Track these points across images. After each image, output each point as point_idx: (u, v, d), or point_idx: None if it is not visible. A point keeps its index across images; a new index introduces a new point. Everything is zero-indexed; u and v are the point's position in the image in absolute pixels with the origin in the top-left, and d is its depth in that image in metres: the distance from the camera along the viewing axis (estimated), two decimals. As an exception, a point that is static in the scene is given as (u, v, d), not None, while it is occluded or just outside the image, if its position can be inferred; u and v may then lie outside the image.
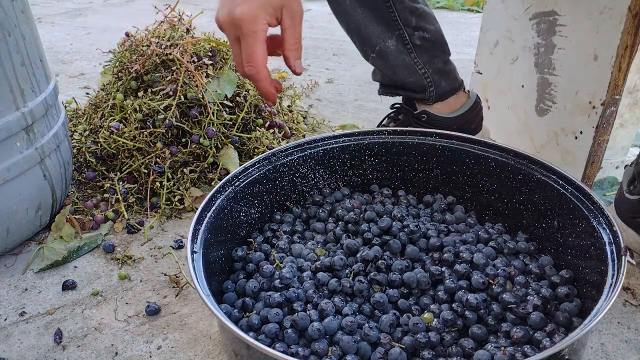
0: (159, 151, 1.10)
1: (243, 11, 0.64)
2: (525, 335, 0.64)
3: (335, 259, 0.75)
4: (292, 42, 0.65)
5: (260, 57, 0.65)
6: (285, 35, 0.66)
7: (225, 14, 0.66)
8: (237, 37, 0.67)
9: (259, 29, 0.64)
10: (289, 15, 0.64)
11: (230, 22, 0.66)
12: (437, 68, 1.08)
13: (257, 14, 0.63)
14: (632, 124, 1.06)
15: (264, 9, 0.63)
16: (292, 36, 0.65)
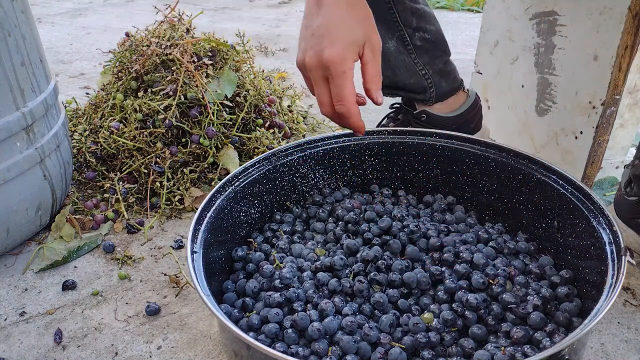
0: (159, 151, 1.10)
1: (331, 53, 0.64)
2: (525, 335, 0.64)
3: (335, 258, 0.75)
4: (374, 74, 0.66)
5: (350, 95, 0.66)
6: (367, 68, 0.67)
7: (313, 56, 0.66)
8: (324, 78, 0.67)
9: (347, 68, 0.65)
10: (370, 50, 0.65)
11: (318, 64, 0.66)
12: (438, 69, 1.08)
13: (345, 55, 0.64)
14: (632, 124, 1.06)
15: (350, 49, 0.65)
16: (373, 69, 0.66)
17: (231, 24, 2.62)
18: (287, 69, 1.87)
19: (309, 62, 0.67)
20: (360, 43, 0.66)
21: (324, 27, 0.65)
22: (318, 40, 0.65)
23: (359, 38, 0.65)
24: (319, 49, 0.65)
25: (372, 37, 0.65)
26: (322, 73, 0.67)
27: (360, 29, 0.66)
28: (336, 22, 0.66)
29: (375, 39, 0.66)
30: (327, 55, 0.65)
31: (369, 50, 0.66)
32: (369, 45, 0.66)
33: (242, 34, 1.33)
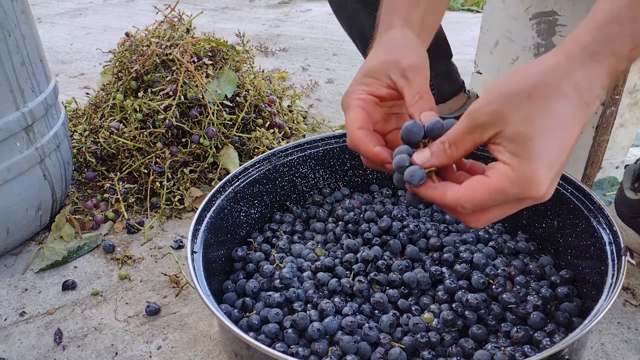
0: (159, 151, 1.10)
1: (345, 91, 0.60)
2: (525, 335, 0.64)
3: (336, 261, 0.75)
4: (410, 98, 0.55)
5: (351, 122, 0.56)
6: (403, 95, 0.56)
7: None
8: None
9: (352, 100, 0.58)
10: (399, 76, 0.56)
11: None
12: (440, 71, 1.08)
13: (352, 90, 0.59)
14: (632, 124, 1.06)
15: (361, 83, 0.58)
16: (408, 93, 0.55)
17: (231, 24, 2.62)
18: (287, 69, 1.87)
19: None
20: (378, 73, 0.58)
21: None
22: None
23: (374, 68, 0.58)
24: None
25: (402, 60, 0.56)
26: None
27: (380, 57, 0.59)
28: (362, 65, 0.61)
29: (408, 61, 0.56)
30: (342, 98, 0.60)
31: (399, 76, 0.56)
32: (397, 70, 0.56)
33: (242, 34, 1.33)
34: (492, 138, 0.45)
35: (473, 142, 0.47)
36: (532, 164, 0.43)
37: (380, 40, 0.62)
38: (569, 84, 0.43)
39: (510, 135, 0.44)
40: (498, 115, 0.44)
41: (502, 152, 0.45)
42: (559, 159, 0.44)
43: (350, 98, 0.58)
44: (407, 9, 0.62)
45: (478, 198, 0.45)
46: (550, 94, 0.43)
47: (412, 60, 0.56)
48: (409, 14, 0.62)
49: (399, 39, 0.60)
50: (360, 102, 0.57)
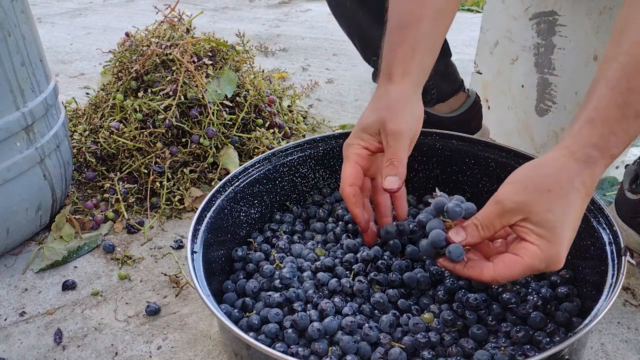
0: (159, 151, 1.10)
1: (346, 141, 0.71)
2: (525, 335, 0.64)
3: (336, 261, 0.75)
4: (385, 160, 0.66)
5: (345, 176, 0.69)
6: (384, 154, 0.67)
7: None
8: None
9: (350, 153, 0.69)
10: (384, 137, 0.66)
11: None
12: (439, 70, 1.08)
13: (351, 142, 0.69)
14: (632, 124, 1.06)
15: (358, 137, 0.69)
16: (386, 155, 0.66)
17: (231, 24, 2.62)
18: (287, 69, 1.87)
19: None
20: (371, 131, 0.68)
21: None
22: None
23: (368, 125, 0.68)
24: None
25: (386, 124, 0.66)
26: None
27: (374, 116, 0.67)
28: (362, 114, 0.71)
29: (389, 125, 0.66)
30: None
31: (384, 136, 0.67)
32: (384, 132, 0.66)
33: (242, 34, 1.33)
34: (518, 222, 0.55)
35: (501, 225, 0.57)
36: (558, 246, 0.54)
37: (378, 93, 0.71)
38: (579, 182, 0.54)
39: (537, 222, 0.54)
40: (525, 206, 0.54)
41: (530, 234, 0.55)
42: (571, 239, 0.55)
43: (348, 151, 0.69)
44: (405, 60, 0.69)
45: (514, 274, 0.56)
46: (567, 190, 0.54)
47: (394, 125, 0.65)
48: (407, 66, 0.69)
49: (393, 97, 0.68)
50: (357, 157, 0.69)
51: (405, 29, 0.70)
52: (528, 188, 0.55)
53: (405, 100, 0.69)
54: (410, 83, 0.70)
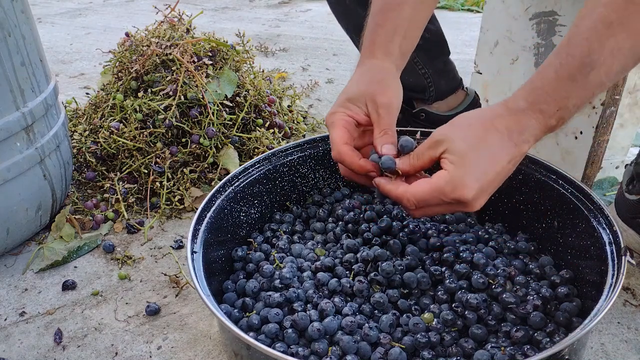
0: (159, 151, 1.10)
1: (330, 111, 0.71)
2: (525, 335, 0.64)
3: (336, 261, 0.75)
4: (377, 132, 0.67)
5: (337, 138, 0.68)
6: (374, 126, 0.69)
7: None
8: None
9: (335, 119, 0.69)
10: (374, 109, 0.68)
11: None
12: (437, 68, 1.08)
13: (335, 110, 0.70)
14: (632, 124, 1.06)
15: (342, 106, 0.70)
16: (376, 127, 0.68)
17: (231, 24, 2.62)
18: (287, 69, 1.87)
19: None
20: (357, 102, 0.69)
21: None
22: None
23: (355, 97, 0.69)
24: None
25: (375, 96, 0.67)
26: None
27: (362, 88, 0.69)
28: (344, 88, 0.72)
29: (379, 97, 0.67)
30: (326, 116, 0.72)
31: (374, 109, 0.68)
32: (371, 103, 0.68)
33: (242, 34, 1.33)
34: (442, 154, 0.59)
35: (429, 156, 0.61)
36: (463, 171, 0.57)
37: (363, 68, 0.73)
38: (501, 123, 0.57)
39: (452, 150, 0.58)
40: (447, 136, 0.59)
41: (446, 162, 0.58)
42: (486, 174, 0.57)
43: (334, 117, 0.69)
44: (387, 40, 0.72)
45: (419, 191, 0.59)
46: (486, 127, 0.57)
47: (386, 98, 0.68)
48: (389, 46, 0.72)
49: (379, 72, 0.71)
50: (344, 122, 0.69)
51: (387, 12, 0.73)
52: (454, 123, 0.60)
53: (391, 76, 0.71)
54: (391, 62, 0.72)
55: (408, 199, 0.60)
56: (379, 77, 0.70)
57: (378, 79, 0.70)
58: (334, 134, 0.68)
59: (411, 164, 0.63)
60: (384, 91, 0.68)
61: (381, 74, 0.71)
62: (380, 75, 0.71)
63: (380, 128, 0.68)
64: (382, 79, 0.70)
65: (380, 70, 0.71)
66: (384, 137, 0.67)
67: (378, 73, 0.71)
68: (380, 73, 0.71)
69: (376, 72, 0.71)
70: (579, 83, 0.54)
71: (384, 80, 0.70)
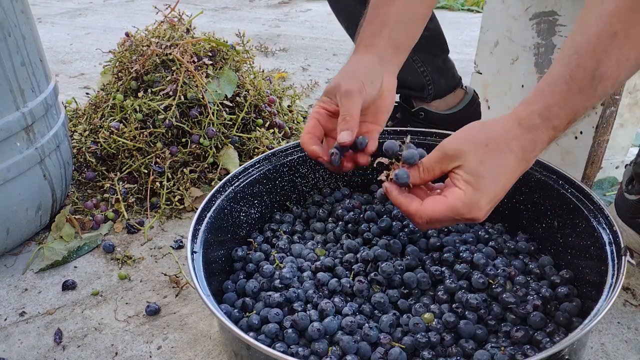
0: (159, 151, 1.10)
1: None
2: (525, 335, 0.64)
3: (336, 261, 0.75)
4: (340, 118, 0.69)
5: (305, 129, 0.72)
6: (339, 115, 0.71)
7: None
8: None
9: (311, 112, 0.74)
10: (339, 97, 0.70)
11: None
12: (436, 66, 1.08)
13: (315, 104, 0.74)
14: (632, 124, 1.06)
15: (320, 100, 0.74)
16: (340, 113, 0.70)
17: (231, 24, 2.62)
18: (287, 69, 1.87)
19: None
20: (329, 93, 0.72)
21: None
22: None
23: (328, 89, 0.73)
24: None
25: (341, 86, 0.70)
26: None
27: (334, 81, 0.72)
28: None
29: (343, 86, 0.69)
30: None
31: (339, 97, 0.70)
32: (338, 93, 0.70)
33: (242, 34, 1.33)
34: (454, 169, 0.59)
35: (440, 169, 0.61)
36: (480, 194, 0.57)
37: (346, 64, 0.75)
38: (517, 144, 0.57)
39: (467, 169, 0.58)
40: (462, 154, 0.58)
41: (459, 180, 0.58)
42: (498, 195, 0.58)
43: (311, 111, 0.74)
44: (372, 34, 0.74)
45: (435, 211, 0.59)
46: (503, 149, 0.57)
47: (347, 86, 0.69)
48: (373, 39, 0.74)
49: (354, 65, 0.73)
50: (316, 114, 0.73)
51: (378, 8, 0.75)
52: (469, 140, 0.59)
53: (364, 67, 0.72)
54: (374, 54, 0.74)
55: (421, 217, 0.60)
56: (351, 69, 0.72)
57: (350, 71, 0.72)
58: (307, 125, 0.73)
59: (422, 178, 0.63)
60: (347, 80, 0.70)
61: (355, 66, 0.73)
62: (353, 67, 0.73)
63: (341, 115, 0.70)
64: (351, 70, 0.72)
65: (355, 62, 0.73)
66: (341, 123, 0.69)
67: (352, 65, 0.73)
68: (354, 65, 0.73)
69: (351, 65, 0.73)
70: (588, 95, 0.55)
71: (353, 72, 0.72)
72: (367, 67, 0.72)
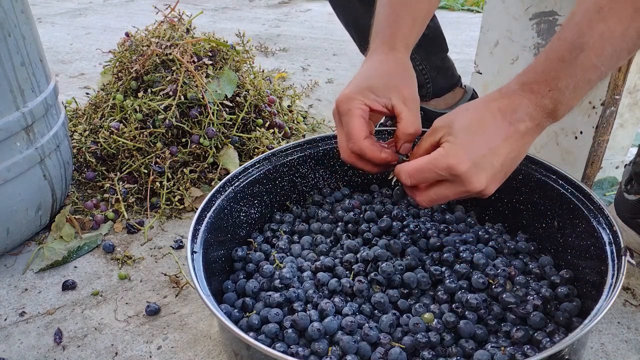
0: (159, 151, 1.10)
1: (342, 94, 0.68)
2: (525, 335, 0.64)
3: (336, 261, 0.75)
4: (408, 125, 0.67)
5: (357, 131, 0.66)
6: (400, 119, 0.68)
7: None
8: (340, 122, 0.69)
9: (353, 107, 0.66)
10: (399, 101, 0.67)
11: (334, 107, 0.69)
12: (435, 65, 1.08)
13: (354, 97, 0.67)
14: (632, 124, 1.06)
15: (361, 94, 0.67)
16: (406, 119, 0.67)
17: (231, 24, 2.62)
18: (287, 69, 1.87)
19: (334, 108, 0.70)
20: (379, 92, 0.67)
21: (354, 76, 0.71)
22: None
23: (377, 87, 0.67)
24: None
25: (401, 90, 0.67)
26: (338, 116, 0.69)
27: (384, 79, 0.68)
28: (359, 72, 0.70)
29: (405, 91, 0.67)
30: (339, 96, 0.68)
31: (399, 101, 0.67)
32: (397, 96, 0.67)
33: (242, 34, 1.33)
34: (442, 138, 0.60)
35: (429, 143, 0.62)
36: (456, 146, 0.58)
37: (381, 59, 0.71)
38: (494, 105, 0.59)
39: (449, 132, 0.60)
40: (446, 122, 0.61)
41: (442, 141, 0.60)
42: (478, 149, 0.58)
43: (352, 104, 0.67)
44: (408, 34, 0.73)
45: (419, 165, 0.60)
46: (480, 109, 0.60)
47: (411, 93, 0.69)
48: (408, 39, 0.73)
49: (402, 67, 0.71)
50: (361, 111, 0.67)
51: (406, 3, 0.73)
52: (453, 111, 0.62)
53: (412, 71, 0.72)
54: (408, 55, 0.73)
55: (407, 174, 0.61)
56: (403, 73, 0.71)
57: (402, 74, 0.70)
58: (353, 125, 0.66)
59: (413, 153, 0.66)
60: (409, 86, 0.69)
61: (405, 70, 0.71)
62: (404, 72, 0.71)
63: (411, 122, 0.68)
64: (406, 75, 0.71)
65: (404, 65, 0.72)
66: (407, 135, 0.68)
67: (402, 69, 0.71)
68: (404, 69, 0.71)
69: (400, 67, 0.71)
70: (568, 63, 0.55)
71: (408, 76, 0.71)
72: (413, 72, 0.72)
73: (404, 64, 0.72)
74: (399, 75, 0.70)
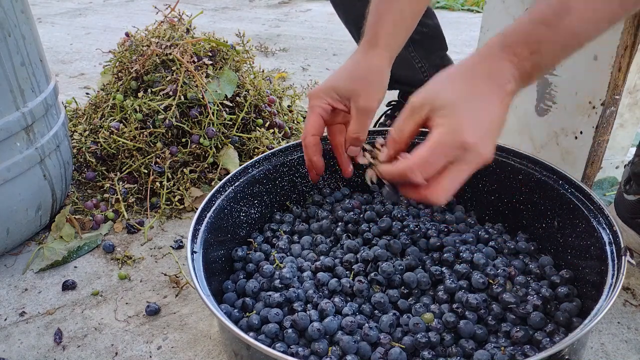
0: (159, 151, 1.10)
1: (314, 89, 0.74)
2: (525, 335, 0.64)
3: (336, 261, 0.75)
4: (352, 131, 0.71)
5: (309, 126, 0.73)
6: (350, 123, 0.72)
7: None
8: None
9: (315, 104, 0.72)
10: (355, 108, 0.71)
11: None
12: (435, 63, 1.08)
13: (319, 94, 0.73)
14: (632, 124, 1.06)
15: (326, 93, 0.72)
16: (353, 126, 0.71)
17: (231, 24, 2.62)
18: (287, 69, 1.87)
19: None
20: (341, 93, 0.72)
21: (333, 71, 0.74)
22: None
23: (341, 88, 0.72)
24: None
25: (359, 97, 0.70)
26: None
27: (349, 82, 0.71)
28: (338, 68, 0.74)
29: (361, 100, 0.70)
30: (310, 90, 0.75)
31: (354, 107, 0.71)
32: (354, 103, 0.71)
33: (242, 34, 1.33)
34: (428, 114, 0.56)
35: (414, 123, 0.58)
36: (459, 118, 0.55)
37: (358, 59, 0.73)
38: (481, 69, 0.56)
39: (439, 106, 0.55)
40: (428, 95, 0.57)
41: (436, 119, 0.55)
42: (483, 118, 0.56)
43: (315, 102, 0.72)
44: (390, 34, 0.73)
45: (422, 154, 0.54)
46: (467, 76, 0.57)
47: (367, 103, 0.70)
48: (390, 39, 0.73)
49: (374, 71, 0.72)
50: (321, 110, 0.72)
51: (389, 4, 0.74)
52: (431, 83, 0.59)
53: (380, 72, 0.73)
54: (389, 54, 0.74)
55: (411, 169, 0.55)
56: (368, 73, 0.72)
57: (366, 77, 0.72)
58: (308, 120, 0.73)
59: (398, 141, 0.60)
60: (366, 93, 0.71)
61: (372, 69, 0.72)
62: (370, 71, 0.72)
63: (354, 130, 0.71)
64: (370, 75, 0.72)
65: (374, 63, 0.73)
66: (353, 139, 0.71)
67: (369, 68, 0.72)
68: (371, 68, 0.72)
69: (369, 66, 0.73)
70: (552, 27, 0.54)
71: (371, 78, 0.72)
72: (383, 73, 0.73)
73: (378, 67, 0.73)
74: (366, 81, 0.72)
